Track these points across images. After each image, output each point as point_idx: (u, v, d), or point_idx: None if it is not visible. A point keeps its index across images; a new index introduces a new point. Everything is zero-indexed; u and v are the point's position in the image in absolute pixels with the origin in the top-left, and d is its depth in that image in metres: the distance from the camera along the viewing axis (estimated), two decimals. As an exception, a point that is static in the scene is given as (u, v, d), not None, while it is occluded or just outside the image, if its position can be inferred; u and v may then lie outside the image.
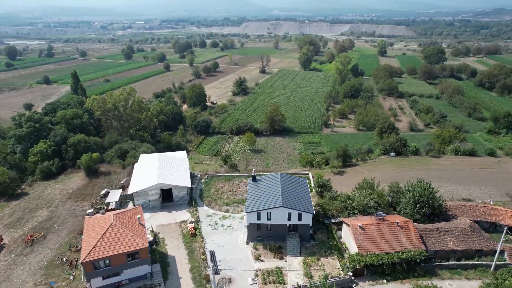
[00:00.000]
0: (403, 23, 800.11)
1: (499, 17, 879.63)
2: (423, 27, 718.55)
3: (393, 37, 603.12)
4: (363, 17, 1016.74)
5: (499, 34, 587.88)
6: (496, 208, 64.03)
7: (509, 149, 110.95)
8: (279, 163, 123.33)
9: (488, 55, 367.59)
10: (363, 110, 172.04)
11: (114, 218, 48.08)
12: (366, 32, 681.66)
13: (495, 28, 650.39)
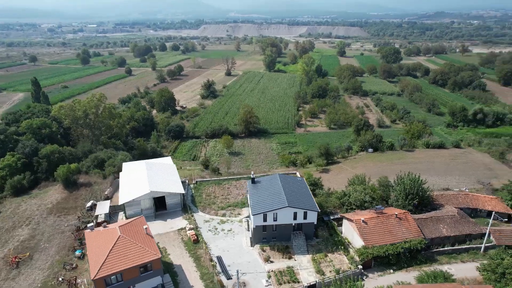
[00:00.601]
0: (356, 24, 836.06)
1: (440, 20, 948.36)
2: (375, 28, 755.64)
3: (348, 38, 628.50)
4: (319, 19, 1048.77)
5: (442, 35, 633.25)
6: (475, 195, 69.41)
7: (471, 140, 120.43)
8: (258, 164, 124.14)
9: (436, 55, 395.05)
10: (332, 109, 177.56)
11: (120, 230, 45.92)
12: (323, 33, 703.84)
13: (438, 30, 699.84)
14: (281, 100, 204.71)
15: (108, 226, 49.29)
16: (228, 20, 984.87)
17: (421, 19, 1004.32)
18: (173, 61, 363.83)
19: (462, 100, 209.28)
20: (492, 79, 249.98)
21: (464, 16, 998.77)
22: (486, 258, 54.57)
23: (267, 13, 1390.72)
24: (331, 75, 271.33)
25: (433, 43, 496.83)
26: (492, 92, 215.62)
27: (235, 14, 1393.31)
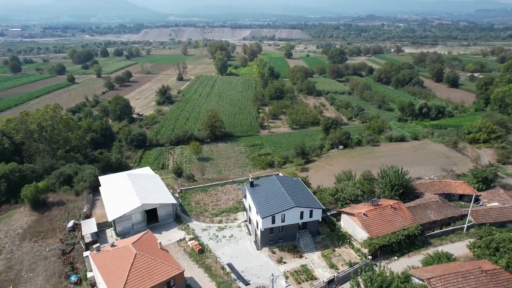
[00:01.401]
0: (297, 27, 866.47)
1: (372, 22, 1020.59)
2: (315, 31, 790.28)
3: (291, 40, 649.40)
4: (260, 22, 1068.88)
5: (376, 37, 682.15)
6: (448, 181, 76.60)
7: (424, 132, 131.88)
8: (231, 168, 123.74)
9: (375, 55, 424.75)
10: (292, 110, 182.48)
11: (135, 247, 43.19)
12: (266, 36, 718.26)
13: (372, 32, 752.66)
14: (240, 103, 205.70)
15: (117, 245, 46.03)
16: (170, 24, 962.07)
17: (355, 21, 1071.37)
18: (118, 67, 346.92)
19: (406, 96, 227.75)
20: (426, 76, 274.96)
21: (392, 19, 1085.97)
22: (469, 237, 60.75)
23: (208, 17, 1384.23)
24: (283, 77, 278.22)
25: (369, 43, 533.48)
26: (429, 88, 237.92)
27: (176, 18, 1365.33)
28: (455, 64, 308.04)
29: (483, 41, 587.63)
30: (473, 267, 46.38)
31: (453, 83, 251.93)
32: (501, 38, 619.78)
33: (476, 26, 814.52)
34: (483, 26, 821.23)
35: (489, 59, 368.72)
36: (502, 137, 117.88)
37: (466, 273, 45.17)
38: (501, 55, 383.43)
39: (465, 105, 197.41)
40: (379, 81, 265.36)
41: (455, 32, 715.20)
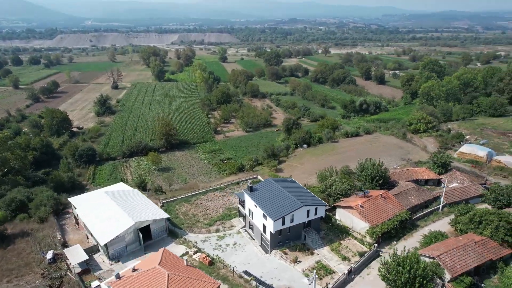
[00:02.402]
0: (224, 30, 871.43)
1: (294, 25, 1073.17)
2: (243, 34, 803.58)
3: (221, 44, 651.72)
4: (186, 26, 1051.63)
5: (301, 39, 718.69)
6: (414, 169, 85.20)
7: (372, 126, 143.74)
8: (195, 176, 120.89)
9: (305, 56, 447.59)
10: (242, 113, 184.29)
11: (164, 268, 40.33)
12: (195, 40, 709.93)
13: (297, 34, 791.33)
14: (187, 110, 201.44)
15: (138, 269, 42.47)
16: (88, 29, 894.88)
17: (278, 24, 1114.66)
18: (39, 76, 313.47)
19: (343, 94, 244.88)
20: (356, 75, 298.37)
21: (313, 23, 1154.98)
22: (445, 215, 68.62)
23: (129, 21, 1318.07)
24: (224, 81, 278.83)
25: (296, 46, 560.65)
26: (361, 86, 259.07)
27: (93, 23, 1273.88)
28: (378, 63, 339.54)
29: (392, 42, 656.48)
30: (467, 240, 52.86)
31: (381, 81, 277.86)
32: (407, 40, 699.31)
33: (385, 29, 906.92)
34: (390, 29, 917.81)
35: (403, 58, 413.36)
36: (436, 127, 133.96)
37: (464, 246, 51.35)
38: (411, 54, 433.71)
39: (396, 100, 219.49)
40: (316, 81, 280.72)
41: (369, 34, 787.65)
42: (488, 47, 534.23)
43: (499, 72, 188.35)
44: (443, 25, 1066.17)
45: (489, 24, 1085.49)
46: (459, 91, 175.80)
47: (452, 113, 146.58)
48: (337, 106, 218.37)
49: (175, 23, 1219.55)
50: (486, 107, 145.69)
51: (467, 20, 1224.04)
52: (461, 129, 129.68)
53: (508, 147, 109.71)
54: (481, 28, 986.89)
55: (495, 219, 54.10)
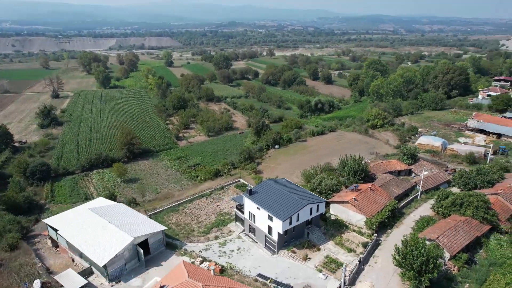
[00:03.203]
0: (164, 34, 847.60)
1: (235, 29, 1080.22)
2: (184, 38, 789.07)
3: (162, 48, 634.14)
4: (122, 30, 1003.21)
5: (244, 42, 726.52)
6: (387, 162, 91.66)
7: (333, 124, 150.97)
8: (166, 185, 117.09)
9: (251, 59, 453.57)
10: (202, 118, 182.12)
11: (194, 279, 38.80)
12: (135, 45, 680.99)
13: (238, 37, 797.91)
14: (143, 117, 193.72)
15: (166, 285, 40.29)
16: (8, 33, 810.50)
17: (219, 28, 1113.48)
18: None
19: (295, 95, 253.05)
20: (304, 75, 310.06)
21: (252, 26, 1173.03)
22: (423, 201, 75.06)
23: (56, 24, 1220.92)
24: (175, 86, 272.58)
25: (240, 48, 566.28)
26: (311, 86, 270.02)
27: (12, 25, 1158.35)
28: (323, 64, 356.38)
29: (330, 44, 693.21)
30: (455, 221, 58.68)
31: (328, 80, 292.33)
32: (343, 41, 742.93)
33: (322, 31, 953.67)
34: (327, 31, 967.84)
35: (344, 59, 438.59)
36: (390, 121, 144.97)
37: (455, 226, 56.96)
38: (351, 55, 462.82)
39: (345, 98, 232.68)
40: (267, 83, 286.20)
41: (307, 36, 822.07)
42: (413, 48, 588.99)
43: (433, 70, 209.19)
44: (373, 27, 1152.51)
45: (411, 27, 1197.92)
46: (403, 88, 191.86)
47: (402, 108, 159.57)
48: (292, 106, 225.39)
49: (110, 27, 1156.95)
50: (429, 102, 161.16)
51: (392, 23, 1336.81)
52: (412, 123, 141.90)
53: (454, 136, 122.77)
54: (404, 30, 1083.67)
55: (474, 200, 60.86)
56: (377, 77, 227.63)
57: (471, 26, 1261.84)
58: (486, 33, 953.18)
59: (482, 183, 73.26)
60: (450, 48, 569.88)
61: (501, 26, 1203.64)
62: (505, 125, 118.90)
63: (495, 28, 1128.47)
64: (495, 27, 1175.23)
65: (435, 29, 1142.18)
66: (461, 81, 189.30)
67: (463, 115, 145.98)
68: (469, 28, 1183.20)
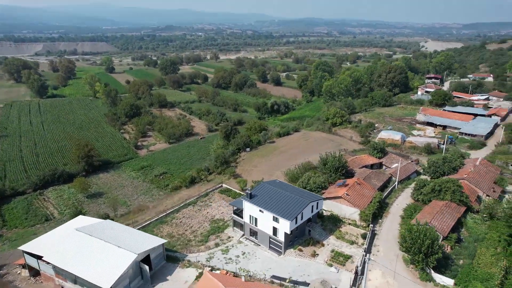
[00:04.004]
0: (97, 39, 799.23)
1: (172, 32, 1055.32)
2: (120, 42, 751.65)
3: (97, 54, 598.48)
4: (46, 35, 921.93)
5: (184, 46, 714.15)
6: (360, 157, 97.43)
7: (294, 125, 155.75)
8: (135, 197, 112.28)
9: (197, 63, 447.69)
10: (159, 125, 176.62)
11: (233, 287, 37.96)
12: (66, 50, 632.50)
13: (178, 41, 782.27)
14: (94, 127, 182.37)
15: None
16: None
17: (156, 32, 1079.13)
18: None
19: (248, 97, 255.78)
20: (253, 78, 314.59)
21: (191, 29, 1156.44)
22: (400, 191, 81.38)
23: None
24: (121, 93, 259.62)
25: (181, 53, 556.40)
26: (262, 88, 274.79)
27: None
28: (269, 66, 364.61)
29: (271, 46, 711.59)
30: (438, 206, 64.90)
31: (277, 82, 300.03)
32: (282, 44, 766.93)
33: (261, 35, 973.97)
34: (266, 34, 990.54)
35: (287, 61, 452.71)
36: (348, 119, 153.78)
37: (440, 210, 63.04)
38: (293, 57, 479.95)
39: (297, 99, 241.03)
40: (218, 86, 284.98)
41: (248, 40, 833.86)
42: (348, 49, 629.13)
43: (376, 70, 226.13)
44: (308, 30, 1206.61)
45: (342, 30, 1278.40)
46: (352, 87, 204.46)
47: (355, 106, 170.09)
48: (248, 109, 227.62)
49: (31, 31, 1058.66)
50: (379, 99, 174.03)
51: (325, 26, 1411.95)
52: (368, 119, 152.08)
53: (408, 130, 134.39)
54: (337, 33, 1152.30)
55: (451, 185, 67.86)
56: (325, 78, 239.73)
57: (394, 29, 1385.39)
58: (407, 36, 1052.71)
59: (449, 170, 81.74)
60: (381, 49, 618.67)
61: (418, 30, 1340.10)
62: (448, 118, 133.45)
63: (414, 31, 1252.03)
64: (413, 30, 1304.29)
65: (364, 32, 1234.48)
66: (401, 79, 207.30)
67: (410, 110, 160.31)
68: (392, 30, 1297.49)
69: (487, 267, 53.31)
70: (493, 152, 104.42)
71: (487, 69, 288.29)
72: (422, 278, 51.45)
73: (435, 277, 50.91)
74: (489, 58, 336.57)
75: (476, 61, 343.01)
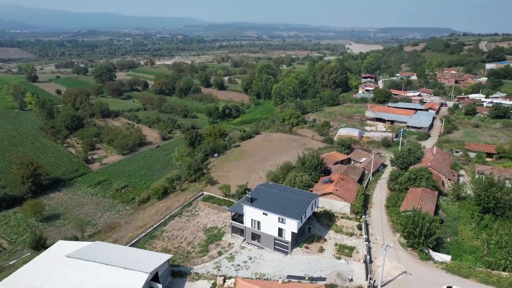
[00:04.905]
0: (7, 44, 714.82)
1: (96, 38, 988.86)
2: (37, 48, 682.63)
3: (10, 61, 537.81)
4: None
5: (113, 52, 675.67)
6: (331, 154, 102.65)
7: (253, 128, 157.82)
8: (99, 214, 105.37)
9: (131, 69, 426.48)
10: (109, 136, 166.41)
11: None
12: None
13: (105, 47, 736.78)
14: (29, 142, 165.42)
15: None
16: None
17: (77, 36, 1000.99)
18: None
19: (195, 103, 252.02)
20: (196, 83, 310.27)
21: (116, 34, 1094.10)
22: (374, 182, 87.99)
23: None
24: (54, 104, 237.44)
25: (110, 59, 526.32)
26: (208, 93, 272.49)
27: None
28: (210, 70, 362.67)
29: (205, 51, 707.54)
30: (418, 192, 71.87)
31: (221, 87, 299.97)
32: (216, 48, 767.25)
33: (193, 39, 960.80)
34: (198, 39, 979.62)
35: (225, 65, 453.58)
36: (302, 119, 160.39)
37: (421, 196, 69.94)
38: (230, 61, 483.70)
39: (246, 102, 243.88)
40: (161, 93, 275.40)
41: (180, 44, 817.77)
42: (281, 52, 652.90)
43: (319, 71, 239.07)
44: (239, 34, 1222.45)
45: (272, 34, 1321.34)
46: (298, 89, 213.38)
47: (306, 107, 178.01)
48: (198, 114, 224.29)
49: None
50: (327, 99, 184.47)
51: (255, 30, 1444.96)
52: (321, 118, 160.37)
53: (361, 126, 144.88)
54: (267, 36, 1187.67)
55: (425, 173, 75.65)
56: (270, 80, 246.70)
57: (319, 32, 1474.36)
58: (332, 38, 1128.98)
59: (414, 160, 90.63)
60: (311, 51, 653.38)
61: (341, 33, 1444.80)
62: (394, 113, 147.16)
63: (337, 34, 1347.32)
64: (337, 34, 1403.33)
65: (292, 35, 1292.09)
66: (343, 79, 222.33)
67: (357, 108, 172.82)
68: (318, 34, 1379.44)
69: (470, 241, 60.81)
70: (438, 142, 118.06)
71: (408, 69, 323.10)
72: (422, 258, 56.83)
73: (433, 256, 56.63)
74: (408, 59, 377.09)
75: (397, 61, 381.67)
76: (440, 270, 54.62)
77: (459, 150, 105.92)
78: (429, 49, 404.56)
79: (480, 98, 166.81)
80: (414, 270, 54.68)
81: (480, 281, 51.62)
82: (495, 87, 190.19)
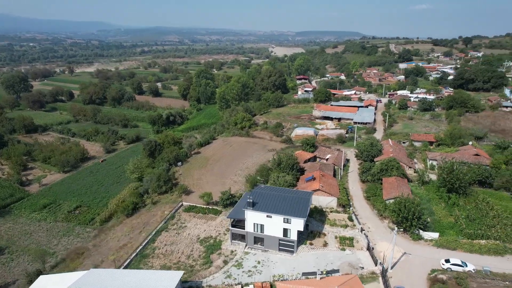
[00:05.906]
0: None
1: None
2: None
3: None
4: None
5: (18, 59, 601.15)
6: (299, 153, 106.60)
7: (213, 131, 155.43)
8: (55, 242, 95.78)
9: (47, 78, 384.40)
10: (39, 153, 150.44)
11: None
12: None
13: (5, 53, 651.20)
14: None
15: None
16: None
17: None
18: None
19: (131, 111, 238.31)
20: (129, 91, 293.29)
21: (17, 39, 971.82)
22: (345, 176, 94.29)
23: None
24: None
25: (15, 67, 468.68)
26: (144, 101, 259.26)
27: None
28: (141, 77, 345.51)
29: (127, 56, 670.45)
30: (393, 181, 79.24)
31: (156, 93, 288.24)
32: (138, 54, 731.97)
33: (111, 45, 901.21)
34: (116, 44, 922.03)
35: (154, 71, 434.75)
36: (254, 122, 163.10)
37: (398, 185, 77.22)
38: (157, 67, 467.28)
39: (187, 108, 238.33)
40: (92, 102, 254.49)
41: (97, 50, 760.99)
42: (207, 56, 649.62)
43: (258, 74, 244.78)
44: (159, 39, 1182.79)
45: (193, 38, 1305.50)
46: (241, 92, 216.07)
47: (254, 110, 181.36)
48: (139, 123, 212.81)
49: None
50: (272, 101, 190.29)
51: (175, 35, 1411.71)
52: (271, 120, 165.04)
53: (311, 125, 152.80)
54: (189, 41, 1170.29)
55: (394, 164, 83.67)
56: (210, 85, 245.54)
57: (240, 36, 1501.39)
58: (253, 42, 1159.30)
59: (376, 152, 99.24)
60: (237, 55, 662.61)
61: (261, 37, 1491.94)
62: (339, 111, 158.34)
63: (258, 38, 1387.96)
64: (257, 37, 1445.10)
65: (214, 39, 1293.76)
66: (281, 81, 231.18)
67: (302, 108, 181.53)
68: (239, 38, 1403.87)
69: (445, 218, 69.40)
70: (385, 134, 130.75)
71: (333, 69, 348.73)
72: (414, 238, 63.27)
73: (423, 235, 63.38)
74: (331, 60, 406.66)
75: (321, 63, 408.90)
76: (431, 246, 61.49)
77: (405, 141, 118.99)
78: (348, 50, 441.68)
79: (407, 94, 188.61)
80: (411, 250, 60.68)
81: (465, 250, 59.59)
82: (415, 84, 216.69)
